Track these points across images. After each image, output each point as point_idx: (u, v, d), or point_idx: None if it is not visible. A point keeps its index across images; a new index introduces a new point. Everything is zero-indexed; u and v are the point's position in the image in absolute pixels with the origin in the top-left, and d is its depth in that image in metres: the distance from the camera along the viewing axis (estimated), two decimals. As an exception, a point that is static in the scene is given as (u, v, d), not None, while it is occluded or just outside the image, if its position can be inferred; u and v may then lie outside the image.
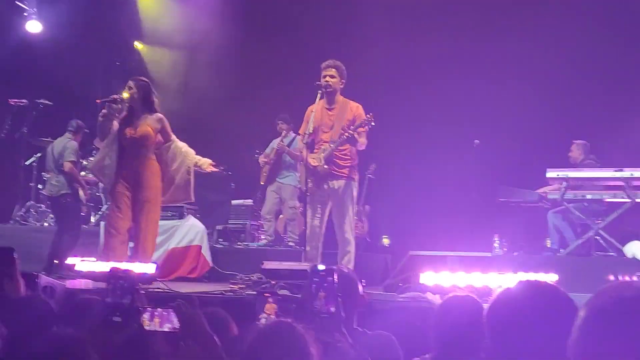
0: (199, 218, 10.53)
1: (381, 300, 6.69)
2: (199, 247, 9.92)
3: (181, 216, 10.21)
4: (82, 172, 11.04)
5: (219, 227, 11.72)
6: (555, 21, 11.56)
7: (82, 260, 7.74)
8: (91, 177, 11.32)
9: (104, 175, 8.21)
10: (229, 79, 13.60)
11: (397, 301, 6.77)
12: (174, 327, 3.22)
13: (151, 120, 7.90)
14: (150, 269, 7.35)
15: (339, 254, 8.00)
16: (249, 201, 12.25)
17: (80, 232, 9.94)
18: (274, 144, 11.65)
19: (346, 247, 7.95)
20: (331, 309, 3.23)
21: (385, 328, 4.12)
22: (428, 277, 6.78)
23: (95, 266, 7.61)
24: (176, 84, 13.59)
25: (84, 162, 11.37)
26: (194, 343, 3.09)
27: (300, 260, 7.98)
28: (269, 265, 7.29)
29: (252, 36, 13.17)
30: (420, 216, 12.06)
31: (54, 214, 10.81)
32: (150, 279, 7.30)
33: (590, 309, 1.66)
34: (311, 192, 7.91)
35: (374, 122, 7.76)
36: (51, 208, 10.90)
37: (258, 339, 2.55)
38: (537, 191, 10.08)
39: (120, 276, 3.30)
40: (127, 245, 8.01)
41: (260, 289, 6.67)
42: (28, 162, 12.00)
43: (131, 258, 8.11)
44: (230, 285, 7.52)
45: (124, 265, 6.73)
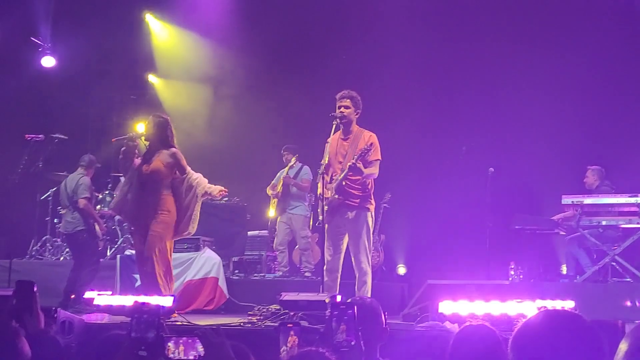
0: (215, 250, 10.56)
1: (400, 329, 6.66)
2: (215, 279, 9.93)
3: (197, 248, 10.24)
4: (97, 207, 11.11)
5: (235, 259, 11.72)
6: (570, 47, 11.60)
7: (99, 294, 7.79)
8: (106, 210, 11.41)
9: (125, 213, 8.31)
10: (244, 111, 13.69)
11: (415, 330, 6.75)
12: (198, 355, 3.23)
13: (164, 155, 7.96)
14: (168, 302, 7.38)
15: (356, 284, 7.98)
16: (264, 232, 12.27)
17: (99, 266, 9.96)
18: (280, 175, 11.72)
19: (363, 277, 7.92)
20: (351, 342, 3.24)
21: (405, 357, 4.13)
22: (446, 306, 6.78)
23: (113, 300, 7.66)
24: (191, 117, 13.66)
25: (99, 195, 11.44)
26: None
27: (317, 291, 7.96)
28: (287, 296, 7.27)
29: (267, 68, 13.27)
30: (435, 245, 12.06)
31: (70, 250, 10.83)
32: (168, 312, 7.33)
33: (632, 343, 1.65)
34: (327, 223, 7.91)
35: (376, 149, 7.83)
36: (68, 244, 10.94)
37: None
38: (553, 218, 10.08)
39: (144, 310, 3.31)
40: None
41: (280, 320, 6.68)
42: (44, 197, 12.06)
43: (138, 290, 8.16)
44: (248, 317, 7.53)
45: (144, 298, 6.77)
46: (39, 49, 13.14)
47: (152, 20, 14.26)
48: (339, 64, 12.62)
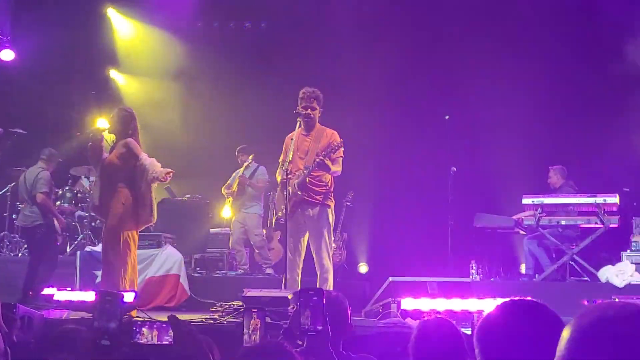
0: (177, 247, 10.50)
1: (362, 326, 6.69)
2: (177, 276, 9.88)
3: (159, 245, 10.18)
4: (57, 202, 10.99)
5: (197, 256, 11.68)
6: (532, 48, 11.75)
7: (59, 290, 7.71)
8: (66, 206, 11.29)
9: (92, 208, 8.27)
10: (206, 108, 13.65)
11: (377, 327, 6.78)
12: (170, 340, 3.24)
13: (119, 147, 7.87)
14: (129, 297, 7.31)
15: (317, 281, 7.99)
16: (226, 230, 12.24)
17: (57, 262, 9.84)
18: (236, 175, 11.74)
19: (325, 273, 7.94)
20: (318, 327, 3.25)
21: (366, 353, 4.14)
22: (408, 303, 6.82)
23: (73, 296, 7.58)
24: (152, 114, 13.56)
25: (59, 191, 11.32)
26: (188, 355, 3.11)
27: (279, 288, 7.95)
28: (250, 292, 7.26)
29: (229, 66, 13.22)
30: (397, 243, 12.10)
31: (27, 245, 10.69)
32: (129, 307, 7.26)
33: (574, 330, 1.67)
34: (288, 220, 7.92)
35: (342, 147, 7.83)
36: (25, 238, 10.80)
37: (247, 356, 2.54)
38: (513, 217, 10.17)
39: (107, 300, 3.30)
40: None
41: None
42: (1, 192, 11.91)
43: (98, 286, 8.07)
44: (210, 314, 7.49)
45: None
46: (-2, 42, 12.95)
47: (114, 14, 14.12)
48: (300, 61, 12.59)
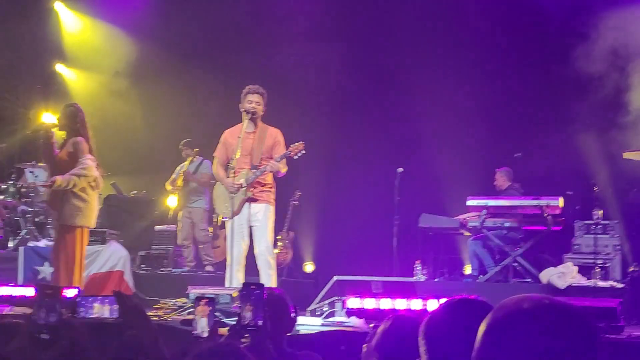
0: (122, 243, 10.42)
1: (306, 324, 6.71)
2: (121, 272, 9.81)
3: (103, 241, 10.08)
4: (0, 196, 10.81)
5: (142, 253, 11.59)
6: (478, 48, 11.87)
7: (0, 286, 7.60)
8: (10, 200, 11.11)
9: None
10: (152, 103, 13.57)
11: (322, 325, 6.82)
12: (117, 317, 3.26)
13: (69, 144, 7.82)
14: (72, 293, 7.24)
15: (260, 278, 7.99)
16: (172, 227, 12.17)
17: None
18: (180, 170, 11.72)
19: (267, 270, 7.96)
20: (259, 322, 3.27)
21: (311, 351, 4.16)
22: (353, 302, 6.87)
23: (14, 291, 7.49)
24: (99, 109, 13.42)
25: (3, 185, 11.13)
26: (135, 331, 3.15)
27: (222, 286, 7.95)
28: (194, 290, 7.26)
29: (174, 61, 13.16)
30: (343, 243, 12.16)
31: None
32: (72, 303, 7.19)
33: (490, 322, 1.72)
34: (231, 217, 7.93)
35: (304, 151, 7.84)
36: None
37: (200, 357, 2.54)
38: (457, 218, 10.28)
39: (47, 294, 3.27)
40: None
41: (187, 312, 6.65)
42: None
43: (42, 281, 8.00)
44: (154, 311, 7.46)
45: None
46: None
47: (61, 8, 13.94)
48: (246, 58, 12.61)
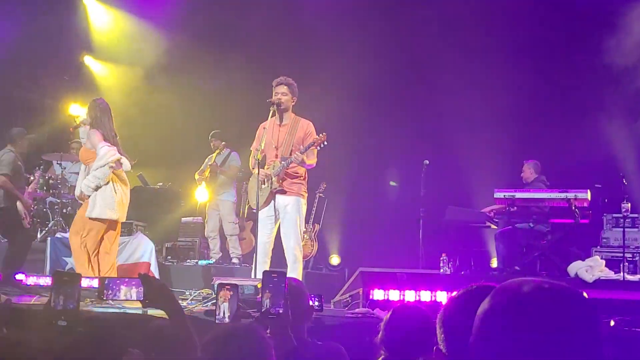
0: (148, 235, 10.47)
1: (331, 316, 6.70)
2: (147, 264, 9.85)
3: (130, 233, 10.14)
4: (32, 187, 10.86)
5: (168, 245, 11.65)
6: (505, 44, 11.78)
7: (29, 276, 7.67)
8: (38, 192, 11.17)
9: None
10: (180, 96, 13.60)
11: (346, 317, 6.80)
12: (142, 295, 3.30)
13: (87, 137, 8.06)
14: (96, 283, 7.29)
15: (287, 271, 7.98)
16: (198, 218, 12.21)
17: (26, 246, 9.70)
18: (208, 161, 11.72)
19: (294, 263, 7.94)
20: (279, 310, 3.27)
21: (334, 341, 4.16)
22: (377, 294, 6.85)
23: (42, 281, 7.55)
24: (126, 101, 13.48)
25: (30, 177, 11.18)
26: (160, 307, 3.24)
27: (249, 277, 7.95)
28: (219, 281, 7.25)
29: (203, 53, 13.15)
30: (369, 235, 12.13)
31: None
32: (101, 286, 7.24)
33: (489, 307, 1.71)
34: (260, 210, 7.90)
35: (326, 142, 7.78)
36: None
37: (218, 337, 2.54)
38: (484, 211, 10.21)
39: (65, 281, 3.29)
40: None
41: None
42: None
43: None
44: (180, 302, 7.46)
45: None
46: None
47: (89, 0, 14.02)
48: (276, 50, 12.59)
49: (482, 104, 11.51)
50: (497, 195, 9.79)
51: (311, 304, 4.09)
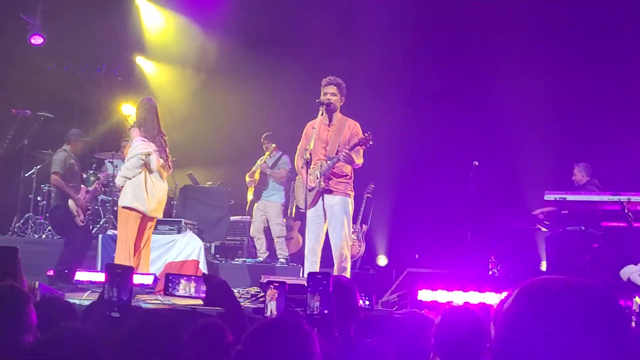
0: (197, 233, 10.55)
1: (378, 315, 6.69)
2: (196, 262, 9.91)
3: (179, 231, 10.25)
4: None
5: (217, 243, 11.74)
6: (556, 43, 11.66)
7: (80, 272, 7.80)
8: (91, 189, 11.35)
9: None
10: (231, 95, 13.67)
11: (394, 317, 6.78)
12: (203, 293, 3.38)
13: None
14: (148, 280, 7.40)
15: (335, 271, 8.00)
16: (247, 217, 12.28)
17: (77, 244, 9.85)
18: (259, 163, 11.76)
19: (342, 263, 7.94)
20: (324, 311, 3.28)
21: (382, 340, 4.15)
22: (425, 294, 6.83)
23: (94, 277, 7.67)
24: (177, 101, 13.64)
25: (83, 174, 11.36)
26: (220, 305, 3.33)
27: (297, 276, 7.99)
28: (268, 279, 7.29)
29: (254, 54, 13.22)
30: (417, 236, 12.09)
31: (52, 227, 10.80)
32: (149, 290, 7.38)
33: (514, 305, 1.70)
34: (308, 209, 7.92)
35: (372, 142, 7.77)
36: (49, 221, 10.91)
37: (263, 328, 2.56)
38: (534, 213, 10.11)
39: (118, 273, 3.34)
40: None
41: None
42: (28, 174, 12.00)
43: None
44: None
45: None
46: (28, 27, 13.01)
47: (142, 2, 14.19)
48: (324, 51, 12.61)
49: (533, 104, 11.41)
50: (547, 198, 9.66)
51: (361, 303, 4.09)
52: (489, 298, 6.93)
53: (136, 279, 7.20)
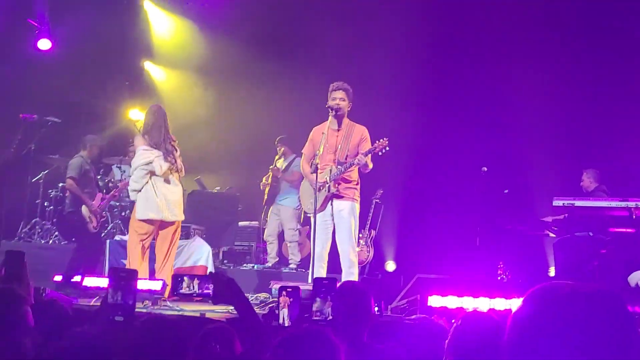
0: (205, 238, 10.54)
1: (388, 321, 6.67)
2: (204, 267, 9.92)
3: (187, 236, 10.24)
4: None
5: (225, 249, 11.72)
6: (565, 48, 11.64)
7: (88, 277, 7.77)
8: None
9: None
10: (239, 100, 13.67)
11: (404, 322, 6.76)
12: (210, 291, 3.37)
13: None
14: (157, 285, 7.38)
15: (342, 276, 7.98)
16: (255, 223, 12.26)
17: (88, 249, 9.86)
18: (271, 167, 11.74)
19: (350, 268, 7.93)
20: (328, 317, 3.26)
21: (394, 345, 4.13)
22: (435, 300, 6.80)
23: (101, 282, 7.64)
24: (185, 106, 13.64)
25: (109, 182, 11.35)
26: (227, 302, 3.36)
27: (305, 282, 7.95)
28: (276, 285, 7.27)
29: (263, 58, 13.19)
30: (425, 242, 12.05)
31: (65, 233, 10.83)
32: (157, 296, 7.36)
33: (522, 311, 1.70)
34: (316, 214, 7.91)
35: (388, 148, 7.77)
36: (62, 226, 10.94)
37: (288, 340, 2.55)
38: (544, 219, 10.08)
39: (122, 277, 3.34)
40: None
41: (269, 307, 6.68)
42: (35, 179, 12.00)
43: None
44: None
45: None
46: (36, 31, 13.01)
47: (150, 6, 14.20)
48: (333, 56, 12.59)
49: (541, 110, 11.38)
50: (556, 203, 9.64)
51: (374, 309, 4.07)
52: (499, 304, 6.90)
53: (145, 285, 7.20)
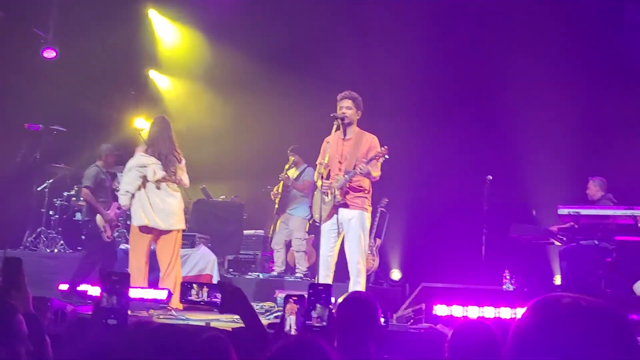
0: (210, 247, 10.54)
1: (393, 331, 6.67)
2: (209, 276, 9.93)
3: (193, 245, 10.24)
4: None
5: (230, 257, 11.72)
6: (571, 57, 11.63)
7: (93, 286, 7.79)
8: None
9: None
10: (244, 109, 13.68)
11: (409, 332, 6.76)
12: (218, 300, 3.38)
13: None
14: (162, 295, 7.39)
15: (349, 285, 7.97)
16: (260, 232, 12.26)
17: (98, 258, 9.82)
18: (281, 175, 11.72)
19: (357, 277, 7.90)
20: (323, 323, 3.26)
21: (398, 356, 4.13)
22: (440, 309, 6.80)
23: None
24: (191, 115, 13.67)
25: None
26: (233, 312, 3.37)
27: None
28: (282, 294, 7.28)
29: (270, 67, 13.21)
30: (431, 251, 12.04)
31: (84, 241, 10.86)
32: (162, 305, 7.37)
33: (523, 323, 1.71)
34: (323, 223, 7.90)
35: (387, 155, 7.75)
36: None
37: (284, 350, 2.53)
38: (550, 228, 10.07)
39: (114, 280, 3.33)
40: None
41: (274, 316, 6.68)
42: (40, 188, 12.03)
43: None
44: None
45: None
46: (41, 41, 13.05)
47: (155, 15, 14.24)
48: (340, 65, 12.59)
49: (546, 119, 11.38)
50: (561, 212, 9.63)
51: (381, 320, 4.05)
52: (505, 313, 6.89)
53: (150, 294, 7.21)
